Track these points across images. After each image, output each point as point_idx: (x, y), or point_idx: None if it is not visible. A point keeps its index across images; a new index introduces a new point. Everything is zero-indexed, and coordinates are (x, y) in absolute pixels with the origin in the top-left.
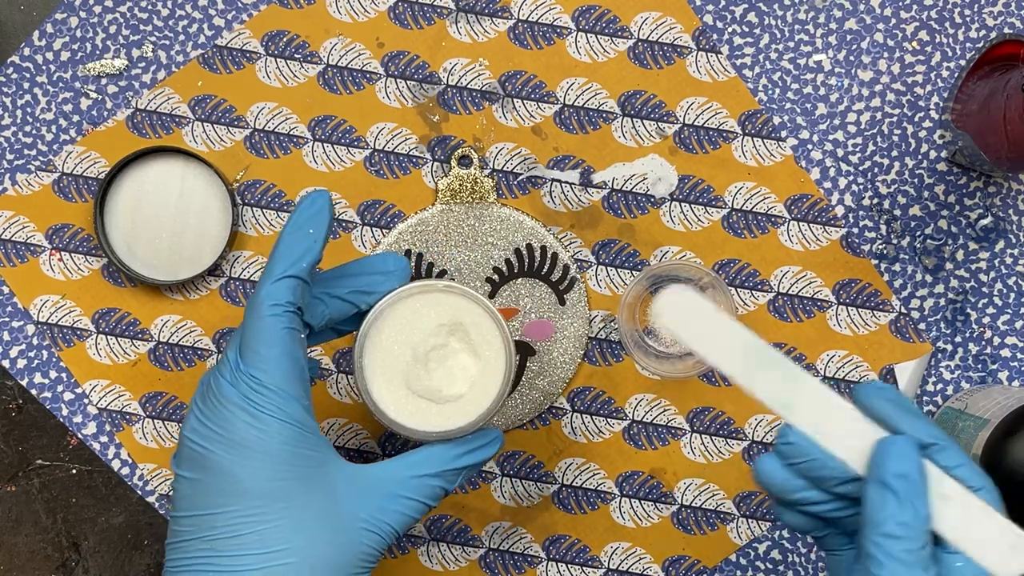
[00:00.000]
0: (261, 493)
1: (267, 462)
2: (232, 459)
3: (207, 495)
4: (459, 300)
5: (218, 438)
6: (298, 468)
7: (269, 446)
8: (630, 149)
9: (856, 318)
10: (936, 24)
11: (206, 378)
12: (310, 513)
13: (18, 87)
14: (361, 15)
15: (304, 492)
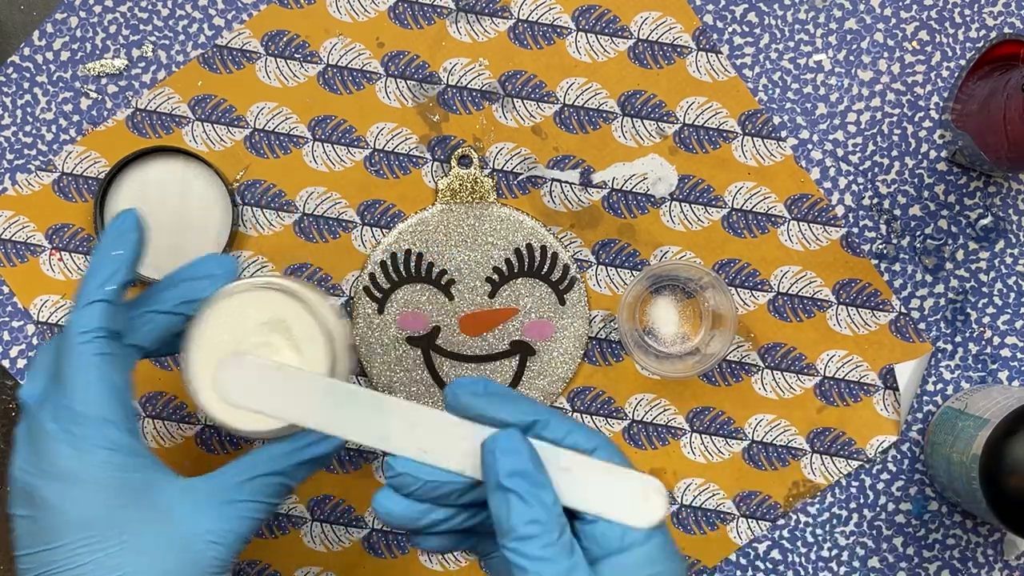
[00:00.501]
0: (92, 522)
1: (93, 491)
2: (59, 492)
3: (42, 531)
4: (279, 296)
5: (41, 473)
6: (127, 493)
7: (93, 475)
8: (630, 149)
9: (856, 318)
10: (936, 24)
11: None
12: (147, 535)
13: (18, 87)
14: (361, 15)
15: (137, 515)
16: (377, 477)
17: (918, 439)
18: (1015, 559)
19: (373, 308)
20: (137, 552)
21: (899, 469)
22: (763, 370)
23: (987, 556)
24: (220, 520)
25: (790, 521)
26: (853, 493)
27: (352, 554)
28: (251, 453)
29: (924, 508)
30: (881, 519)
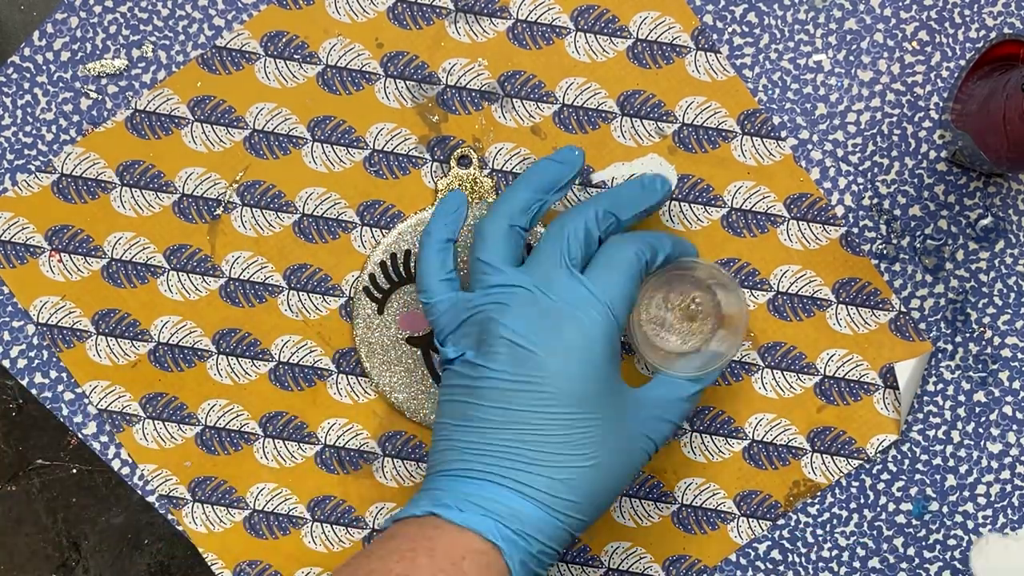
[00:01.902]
0: (578, 401)
1: (591, 373)
2: (557, 363)
3: (525, 395)
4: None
5: (547, 341)
6: (610, 382)
7: (596, 355)
8: (629, 149)
9: (856, 317)
10: (936, 24)
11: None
12: (610, 426)
13: (18, 87)
14: (360, 15)
15: (610, 405)
16: (377, 477)
17: (918, 439)
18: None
19: (373, 308)
20: (600, 441)
21: (900, 469)
22: (763, 369)
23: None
24: (651, 430)
25: (790, 521)
26: (853, 493)
27: (352, 553)
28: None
29: (925, 508)
30: (882, 519)
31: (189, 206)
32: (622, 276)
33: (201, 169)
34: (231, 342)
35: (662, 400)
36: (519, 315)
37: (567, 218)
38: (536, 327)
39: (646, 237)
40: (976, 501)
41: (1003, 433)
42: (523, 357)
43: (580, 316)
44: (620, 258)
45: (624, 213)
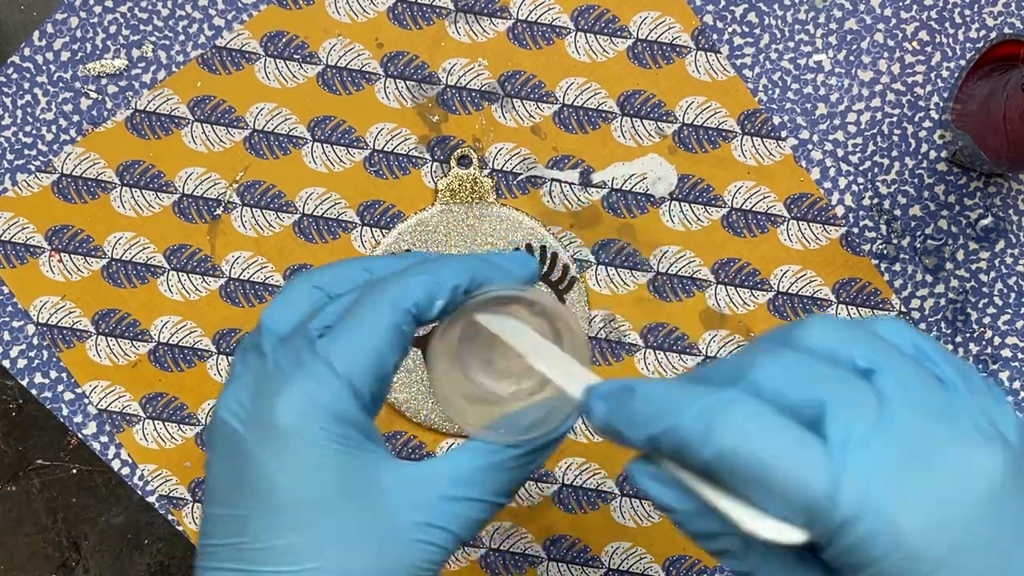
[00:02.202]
0: (297, 497)
1: (312, 462)
2: (265, 451)
3: (237, 491)
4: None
5: (256, 421)
6: (345, 471)
7: (316, 441)
8: (629, 149)
9: (856, 317)
10: (936, 24)
11: (252, 340)
12: (353, 522)
13: (18, 87)
14: (360, 15)
15: (348, 498)
16: None
17: None
18: None
19: None
20: (337, 542)
21: None
22: None
23: None
24: (437, 516)
25: None
26: None
27: None
28: (474, 440)
29: None
30: None
31: (189, 206)
32: (368, 335)
33: (201, 169)
34: (231, 342)
35: (459, 473)
36: (241, 387)
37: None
38: (254, 401)
39: (412, 278)
40: None
41: None
42: (233, 443)
43: (293, 389)
44: (367, 312)
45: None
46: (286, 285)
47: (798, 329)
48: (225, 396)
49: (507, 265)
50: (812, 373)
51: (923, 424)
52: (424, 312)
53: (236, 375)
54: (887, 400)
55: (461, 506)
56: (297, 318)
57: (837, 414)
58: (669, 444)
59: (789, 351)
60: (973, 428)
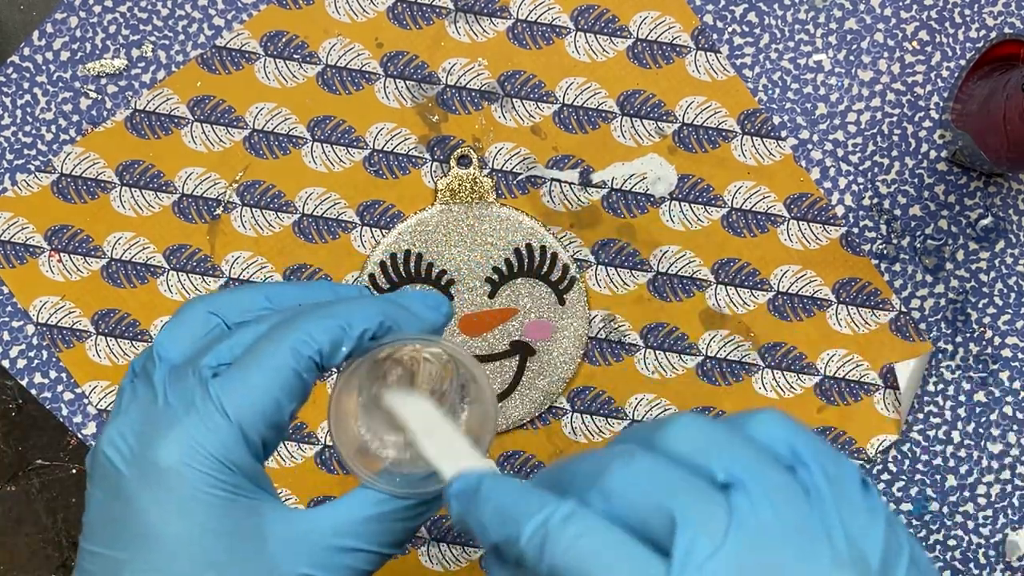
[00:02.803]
0: (175, 543)
1: (194, 504)
2: (146, 493)
3: (116, 532)
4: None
5: (137, 459)
6: (228, 518)
7: (198, 485)
8: (629, 148)
9: (856, 317)
10: (936, 24)
11: (143, 366)
12: (236, 573)
13: (18, 87)
14: (360, 15)
15: (231, 547)
16: None
17: (919, 439)
18: (1016, 560)
19: None
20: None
21: (900, 469)
22: (763, 370)
23: (988, 557)
24: (322, 567)
25: None
26: None
27: None
28: (364, 487)
29: (925, 508)
30: None
31: (189, 206)
32: (265, 380)
33: (201, 169)
34: None
35: (347, 522)
36: (127, 422)
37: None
38: (139, 439)
39: (317, 322)
40: (976, 501)
41: (1003, 433)
42: (113, 480)
43: (180, 431)
44: (266, 355)
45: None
46: (180, 308)
47: (664, 429)
48: (109, 430)
49: (418, 309)
50: (665, 483)
51: (768, 547)
52: (328, 359)
53: (123, 407)
54: (737, 519)
55: (347, 557)
56: (191, 345)
57: (684, 531)
58: (511, 555)
59: (647, 456)
60: (827, 551)
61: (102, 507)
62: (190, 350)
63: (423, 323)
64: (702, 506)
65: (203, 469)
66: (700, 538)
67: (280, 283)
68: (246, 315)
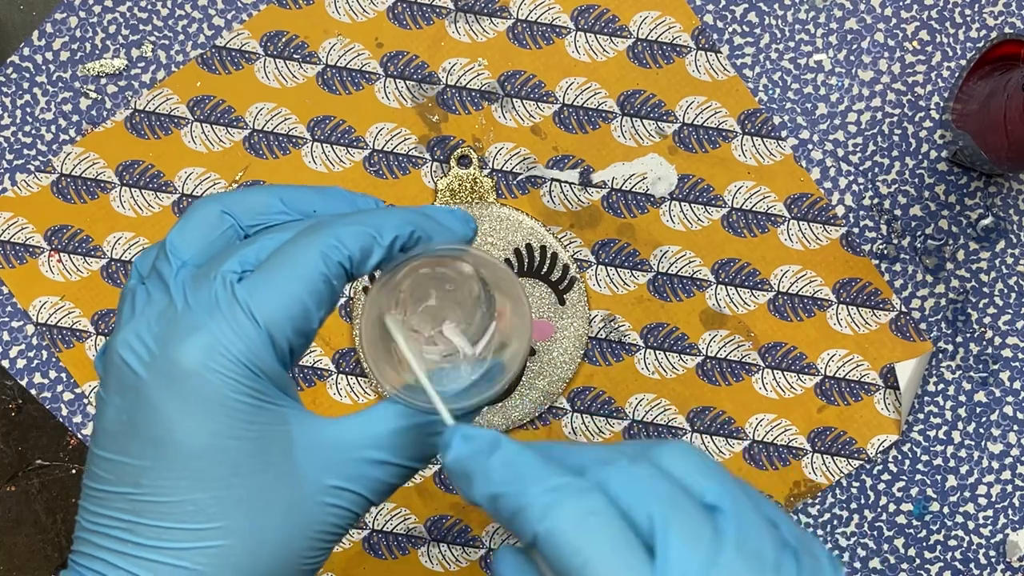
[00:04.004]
0: (200, 450)
1: (214, 412)
2: (168, 398)
3: (134, 438)
4: None
5: (156, 366)
6: (255, 425)
7: (221, 392)
8: (629, 148)
9: (856, 317)
10: (936, 24)
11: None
12: (261, 483)
13: (18, 87)
14: (360, 15)
15: (257, 456)
16: None
17: (919, 439)
18: (1017, 560)
19: None
20: (240, 503)
21: (900, 469)
22: (763, 369)
23: (989, 558)
24: (351, 479)
25: None
26: (854, 494)
27: (352, 554)
28: (392, 400)
29: (925, 509)
30: (882, 520)
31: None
32: (293, 285)
33: (201, 169)
34: None
35: (375, 434)
36: (144, 324)
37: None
38: (159, 342)
39: (347, 227)
40: (977, 501)
41: (1004, 433)
42: (132, 385)
43: (205, 334)
44: (294, 260)
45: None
46: (191, 206)
47: (657, 449)
48: (124, 332)
49: (448, 221)
50: (662, 492)
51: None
52: (358, 267)
53: (138, 309)
54: (723, 540)
55: (377, 470)
56: (203, 246)
57: (673, 541)
58: (508, 508)
59: (647, 464)
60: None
61: (118, 412)
62: (203, 251)
63: (453, 235)
64: (692, 521)
65: (228, 373)
66: (691, 554)
67: (294, 186)
68: (259, 217)
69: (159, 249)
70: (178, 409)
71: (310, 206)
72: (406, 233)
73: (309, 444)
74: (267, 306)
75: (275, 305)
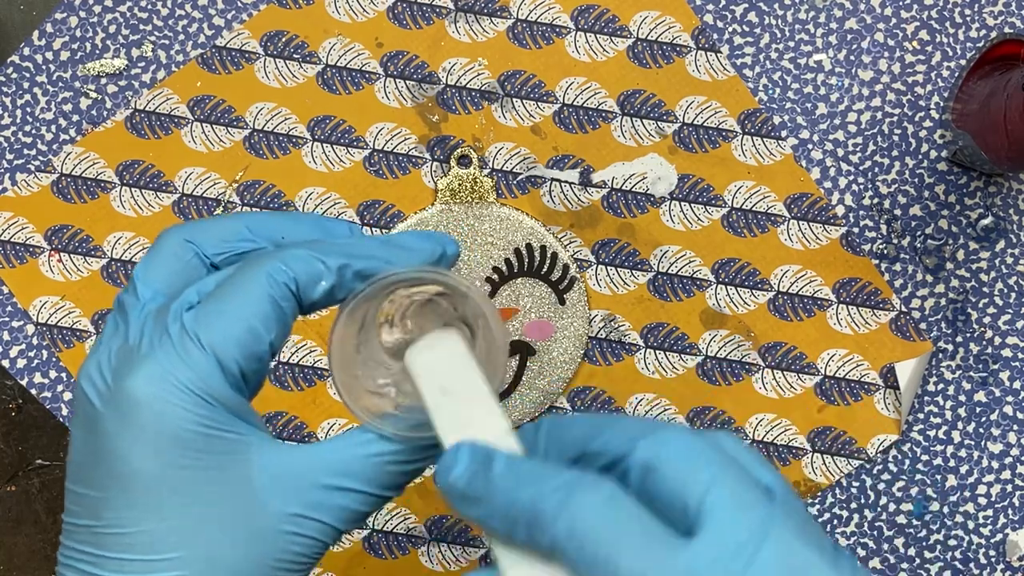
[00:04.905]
0: (155, 481)
1: (165, 442)
2: (121, 429)
3: (95, 470)
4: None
5: (112, 395)
6: (210, 455)
7: (171, 422)
8: (629, 148)
9: (856, 317)
10: (936, 24)
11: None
12: (219, 512)
13: (18, 87)
14: (360, 15)
15: (213, 484)
16: None
17: (919, 439)
18: (1017, 560)
19: None
20: (197, 532)
21: (900, 469)
22: (763, 369)
23: (989, 557)
24: (313, 507)
25: None
26: (854, 493)
27: (352, 554)
28: (362, 427)
29: (925, 509)
30: (882, 520)
31: (189, 206)
32: (239, 307)
33: (201, 169)
34: None
35: (337, 461)
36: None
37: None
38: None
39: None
40: (977, 501)
41: (1004, 433)
42: (91, 417)
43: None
44: (240, 283)
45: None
46: (158, 237)
47: (711, 432)
48: (88, 363)
49: (416, 244)
50: (720, 459)
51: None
52: (306, 290)
53: (104, 341)
54: (781, 514)
55: (340, 497)
56: (169, 275)
57: (726, 506)
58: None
59: (704, 437)
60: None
61: (81, 444)
62: (168, 281)
63: (419, 257)
64: (747, 488)
65: (178, 403)
66: (739, 514)
67: (262, 213)
68: (224, 245)
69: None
70: (131, 440)
71: (278, 232)
72: (358, 263)
73: (269, 472)
74: (213, 331)
75: (221, 329)
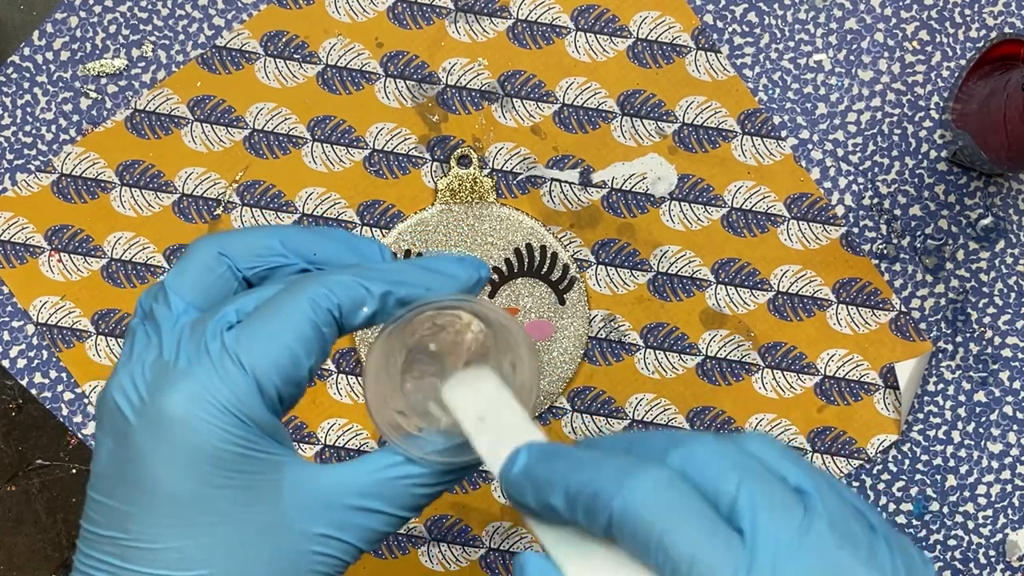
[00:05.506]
0: (187, 498)
1: (199, 461)
2: (155, 445)
3: (122, 483)
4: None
5: (147, 409)
6: (242, 474)
7: (207, 441)
8: (629, 148)
9: (856, 317)
10: (936, 24)
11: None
12: (247, 530)
13: (18, 87)
14: (360, 15)
15: (243, 504)
16: None
17: (919, 439)
18: (1016, 560)
19: None
20: (227, 551)
21: (900, 469)
22: (763, 369)
23: (989, 557)
24: (339, 527)
25: None
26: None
27: None
28: (389, 449)
29: (925, 508)
30: None
31: (189, 206)
32: (282, 332)
33: (201, 169)
34: None
35: (365, 483)
36: (139, 369)
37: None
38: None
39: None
40: (976, 501)
41: (1003, 433)
42: (122, 430)
43: (192, 382)
44: (284, 307)
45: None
46: (190, 246)
47: (739, 435)
48: (120, 374)
49: (451, 270)
50: (749, 466)
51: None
52: (349, 316)
53: (136, 352)
54: (814, 515)
55: (365, 518)
56: (202, 288)
57: (762, 512)
58: (585, 497)
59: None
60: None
61: (109, 456)
62: (199, 293)
63: (457, 284)
64: (779, 495)
65: (215, 422)
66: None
67: (294, 227)
68: (257, 260)
69: (158, 290)
70: (164, 457)
71: (310, 249)
72: (401, 290)
73: (298, 492)
74: (255, 353)
75: (263, 352)
